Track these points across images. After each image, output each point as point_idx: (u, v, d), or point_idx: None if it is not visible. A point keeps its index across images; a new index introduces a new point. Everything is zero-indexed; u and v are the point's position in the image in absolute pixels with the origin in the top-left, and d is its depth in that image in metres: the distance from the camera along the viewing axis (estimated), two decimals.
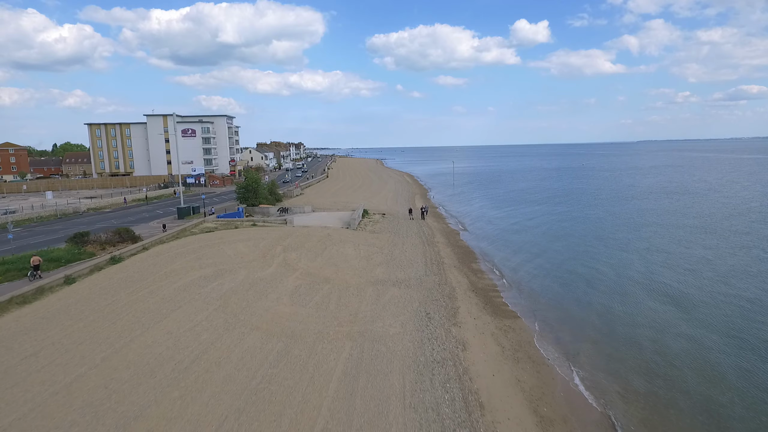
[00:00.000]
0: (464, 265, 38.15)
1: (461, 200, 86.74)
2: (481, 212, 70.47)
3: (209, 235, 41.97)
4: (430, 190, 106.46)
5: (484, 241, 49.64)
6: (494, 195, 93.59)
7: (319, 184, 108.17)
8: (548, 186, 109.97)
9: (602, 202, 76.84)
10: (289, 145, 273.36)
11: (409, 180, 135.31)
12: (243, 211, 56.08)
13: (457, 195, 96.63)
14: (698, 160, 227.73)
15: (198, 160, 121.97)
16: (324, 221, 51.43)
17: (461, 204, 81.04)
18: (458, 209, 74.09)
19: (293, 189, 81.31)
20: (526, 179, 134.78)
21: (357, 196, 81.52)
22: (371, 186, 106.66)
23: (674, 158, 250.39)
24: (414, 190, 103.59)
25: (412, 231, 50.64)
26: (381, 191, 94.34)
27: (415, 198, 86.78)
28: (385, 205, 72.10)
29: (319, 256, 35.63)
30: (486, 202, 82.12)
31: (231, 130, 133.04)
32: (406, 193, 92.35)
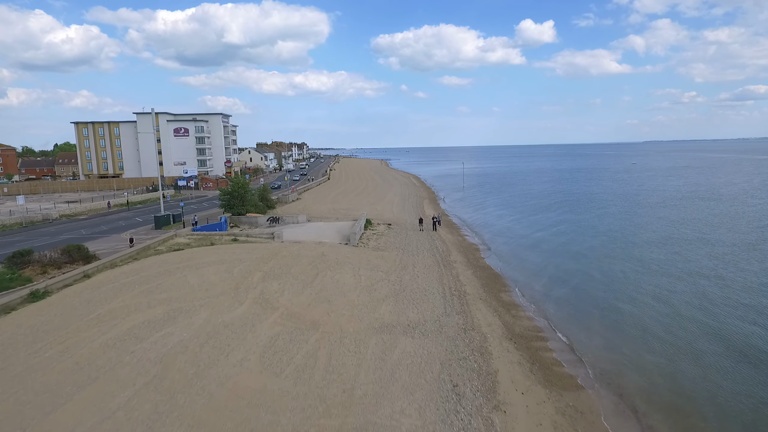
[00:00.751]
0: (492, 296, 30.31)
1: (475, 206, 78.81)
2: (500, 221, 62.55)
3: (176, 254, 34.33)
4: (439, 194, 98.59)
5: (509, 260, 41.75)
6: (510, 200, 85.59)
7: (319, 188, 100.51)
8: (566, 189, 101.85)
9: (631, 210, 68.73)
10: (292, 146, 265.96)
11: (415, 182, 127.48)
12: (226, 222, 48.46)
13: (469, 199, 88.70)
14: (715, 160, 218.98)
15: (191, 161, 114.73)
16: (319, 234, 43.73)
17: (476, 210, 73.11)
18: (473, 217, 66.17)
19: (288, 194, 73.64)
20: (540, 181, 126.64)
21: (359, 202, 73.78)
22: (375, 189, 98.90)
23: (689, 159, 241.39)
24: (422, 193, 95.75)
25: (423, 246, 42.86)
26: (386, 196, 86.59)
27: (424, 203, 78.98)
28: (391, 212, 64.35)
29: (308, 286, 27.88)
30: (503, 209, 74.16)
31: (227, 129, 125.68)
32: (413, 198, 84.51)
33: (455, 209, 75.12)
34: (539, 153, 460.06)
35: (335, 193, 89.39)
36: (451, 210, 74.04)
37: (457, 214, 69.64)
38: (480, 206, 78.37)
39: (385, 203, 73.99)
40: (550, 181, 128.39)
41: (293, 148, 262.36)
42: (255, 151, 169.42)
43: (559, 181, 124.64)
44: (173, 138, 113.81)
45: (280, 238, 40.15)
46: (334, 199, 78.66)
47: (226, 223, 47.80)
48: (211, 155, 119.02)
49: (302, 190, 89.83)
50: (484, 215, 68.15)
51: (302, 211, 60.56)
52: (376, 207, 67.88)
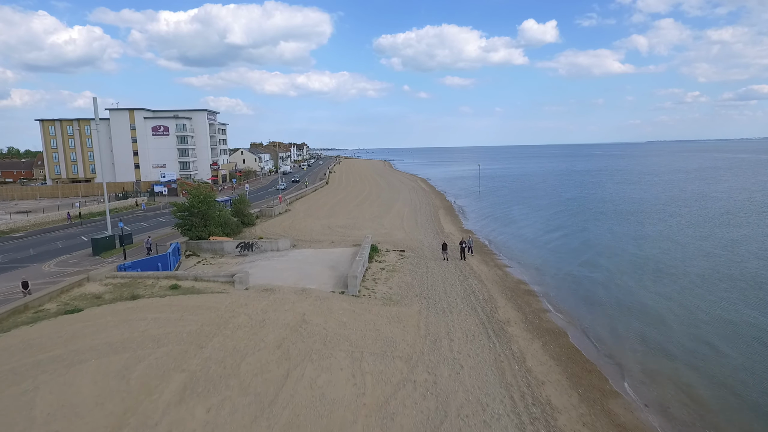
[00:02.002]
0: (603, 416, 16.88)
1: (501, 218, 65.27)
2: (542, 240, 49.06)
3: (57, 326, 20.87)
4: (453, 201, 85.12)
5: (589, 314, 28.28)
6: (542, 209, 72.02)
7: (315, 194, 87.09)
8: (600, 195, 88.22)
9: (700, 225, 55.12)
10: (290, 146, 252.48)
11: (424, 186, 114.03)
12: (178, 251, 35.18)
13: (490, 209, 75.23)
14: (736, 161, 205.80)
15: (172, 164, 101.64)
16: (304, 273, 30.32)
17: (505, 225, 59.57)
18: (505, 235, 52.68)
19: (275, 205, 60.04)
20: (564, 185, 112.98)
21: (361, 215, 60.39)
22: (380, 196, 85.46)
23: (709, 159, 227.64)
24: (434, 201, 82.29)
25: (454, 291, 29.52)
26: (393, 204, 73.17)
27: (439, 214, 65.50)
28: (402, 229, 50.96)
29: (265, 412, 14.52)
30: (538, 222, 60.63)
31: (213, 127, 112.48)
32: (425, 208, 71.05)
33: (480, 222, 61.61)
34: (545, 153, 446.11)
35: (333, 201, 76.00)
36: (473, 223, 60.57)
37: (483, 230, 56.18)
38: (507, 219, 64.84)
39: (393, 216, 60.57)
40: (574, 185, 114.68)
41: (292, 149, 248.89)
42: (248, 152, 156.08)
43: (586, 185, 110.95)
44: (151, 137, 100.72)
45: (243, 282, 26.76)
46: (331, 210, 65.27)
47: (176, 253, 34.45)
48: (195, 156, 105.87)
49: (294, 198, 76.47)
50: (517, 231, 54.65)
51: (288, 230, 47.21)
52: (382, 222, 54.46)
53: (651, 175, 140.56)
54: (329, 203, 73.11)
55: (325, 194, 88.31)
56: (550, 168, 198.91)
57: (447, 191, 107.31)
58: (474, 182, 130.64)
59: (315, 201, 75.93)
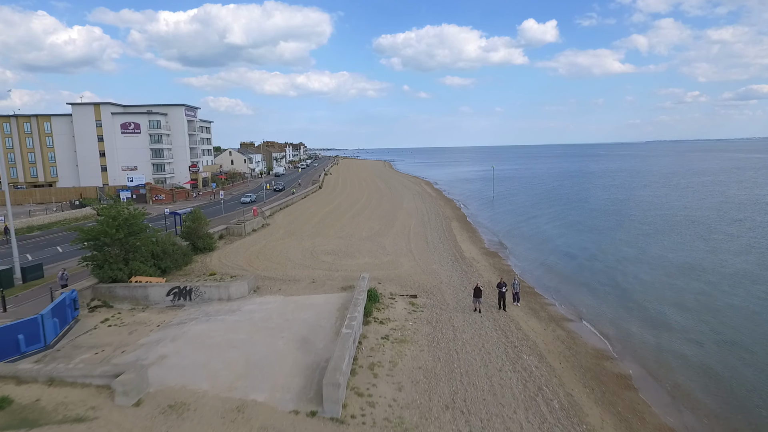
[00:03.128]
0: None
1: (532, 235, 53.09)
2: (608, 273, 36.68)
3: None
4: (466, 209, 73.02)
5: None
6: (577, 222, 59.87)
7: (304, 202, 74.86)
8: (637, 202, 76.06)
9: None
10: (286, 146, 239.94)
11: (429, 191, 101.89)
12: (76, 302, 23.05)
13: (513, 220, 63.11)
14: (755, 161, 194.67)
15: (144, 166, 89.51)
16: (253, 361, 17.95)
17: (540, 245, 47.24)
18: (548, 263, 40.44)
19: (246, 221, 47.45)
20: (587, 189, 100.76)
21: (357, 230, 48.25)
22: (380, 205, 73.31)
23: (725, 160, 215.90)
24: (443, 209, 70.17)
25: (507, 388, 17.41)
26: (397, 215, 61.03)
27: (453, 228, 53.34)
28: (410, 252, 38.83)
29: None
30: (582, 241, 48.50)
31: (193, 124, 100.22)
32: (435, 220, 58.86)
33: (505, 240, 49.45)
34: (547, 153, 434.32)
35: (324, 212, 63.75)
36: (498, 241, 48.42)
37: (514, 252, 44.01)
38: (538, 235, 52.72)
39: (398, 232, 48.42)
40: (597, 188, 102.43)
41: (287, 149, 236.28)
42: (237, 153, 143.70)
43: (610, 189, 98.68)
44: (120, 136, 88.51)
45: (133, 391, 14.56)
46: (320, 225, 53.06)
47: (70, 307, 22.27)
48: (172, 158, 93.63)
49: (278, 207, 64.29)
50: (558, 255, 42.47)
51: (256, 259, 35.04)
52: (383, 243, 42.26)
53: (675, 176, 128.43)
54: (319, 214, 60.89)
55: (316, 202, 76.15)
56: (561, 169, 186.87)
57: (455, 195, 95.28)
58: (482, 185, 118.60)
59: (302, 211, 63.73)
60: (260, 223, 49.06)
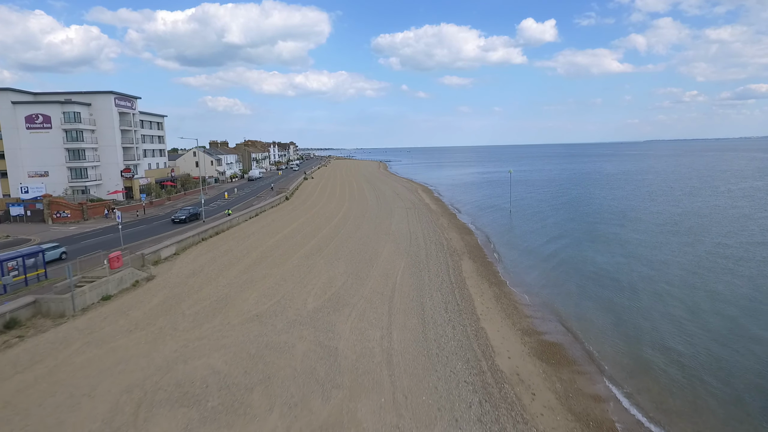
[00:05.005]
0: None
1: (595, 276, 32.66)
2: None
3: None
4: (479, 234, 52.68)
5: None
6: (666, 262, 39.51)
7: (249, 225, 53.99)
8: (702, 213, 55.87)
9: None
10: (271, 145, 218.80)
11: (428, 200, 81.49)
12: None
13: (553, 249, 42.79)
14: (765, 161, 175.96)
15: (58, 170, 69.12)
16: None
17: (628, 310, 26.95)
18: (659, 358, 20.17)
19: (87, 285, 26.47)
20: (626, 199, 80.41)
21: (300, 294, 27.55)
22: (360, 226, 52.79)
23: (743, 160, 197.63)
24: (448, 234, 49.76)
25: None
26: (377, 251, 40.52)
27: (462, 268, 32.96)
28: (386, 362, 18.46)
29: None
30: (689, 298, 28.20)
31: (129, 118, 79.45)
32: (437, 257, 38.28)
33: (556, 301, 29.00)
34: (549, 153, 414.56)
35: (268, 244, 43.07)
36: (554, 309, 28.05)
37: (583, 333, 23.68)
38: (604, 279, 32.32)
39: (371, 294, 27.94)
40: (637, 197, 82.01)
41: (271, 149, 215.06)
42: (204, 153, 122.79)
43: (655, 198, 78.32)
44: (26, 132, 68.07)
45: None
46: (243, 277, 32.38)
47: None
48: (98, 160, 73.12)
49: (199, 237, 43.87)
50: (664, 332, 22.22)
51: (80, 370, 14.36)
52: (338, 330, 21.80)
53: (712, 179, 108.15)
54: (258, 249, 40.27)
55: (269, 223, 55.61)
56: (574, 170, 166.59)
57: (460, 207, 75.07)
58: (491, 192, 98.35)
59: (237, 242, 43.13)
60: (131, 279, 28.36)
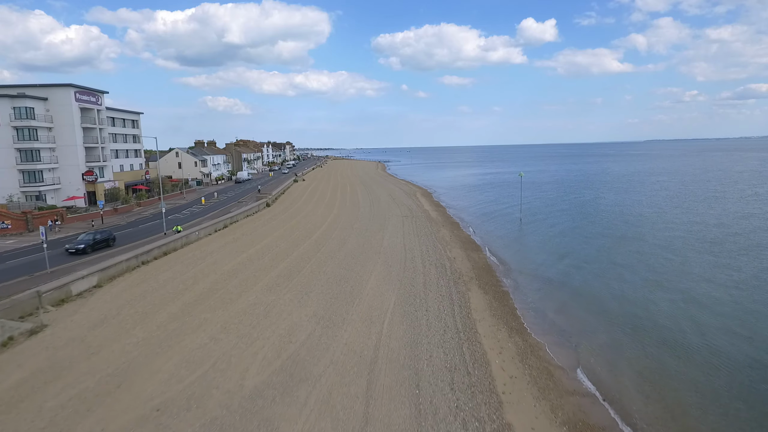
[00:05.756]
0: None
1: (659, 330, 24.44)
2: None
3: None
4: (490, 254, 44.53)
5: None
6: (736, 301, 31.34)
7: (212, 241, 45.60)
8: (722, 222, 47.72)
9: None
10: (264, 145, 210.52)
11: (426, 206, 73.35)
12: None
13: (582, 278, 34.64)
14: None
15: (7, 173, 61.01)
16: None
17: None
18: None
19: None
20: (647, 205, 72.23)
21: (243, 356, 19.24)
22: (346, 241, 44.57)
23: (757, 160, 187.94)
24: (450, 252, 41.63)
25: None
26: (363, 279, 32.29)
27: (470, 301, 24.87)
28: None
29: None
30: None
31: (93, 114, 71.19)
32: (438, 284, 30.12)
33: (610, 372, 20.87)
34: (552, 153, 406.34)
35: (226, 269, 34.71)
36: (596, 375, 19.95)
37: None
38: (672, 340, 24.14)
39: (343, 352, 19.89)
40: (659, 201, 73.76)
41: (265, 149, 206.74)
42: (187, 154, 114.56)
43: (682, 202, 70.17)
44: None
45: None
46: (184, 315, 24.29)
47: None
48: (56, 161, 65.01)
49: (162, 250, 35.72)
50: None
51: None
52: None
53: (734, 182, 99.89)
54: (211, 277, 32.02)
55: (240, 235, 47.38)
56: (580, 171, 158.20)
57: (463, 214, 66.96)
58: (495, 196, 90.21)
59: (186, 267, 34.85)
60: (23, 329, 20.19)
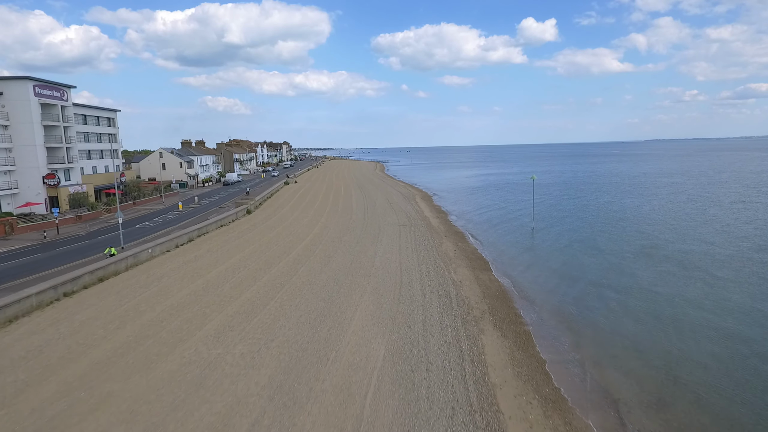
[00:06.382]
0: None
1: None
2: None
3: None
4: (505, 277, 37.64)
5: None
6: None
7: (162, 262, 38.49)
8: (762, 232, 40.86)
9: None
10: (259, 145, 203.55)
11: (426, 211, 66.48)
12: None
13: (630, 324, 27.72)
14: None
15: None
16: None
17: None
18: None
19: None
20: (664, 210, 65.35)
21: None
22: (332, 258, 37.64)
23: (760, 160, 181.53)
24: (454, 269, 34.76)
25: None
26: (347, 314, 25.46)
27: (491, 379, 18.11)
28: None
29: None
30: None
31: (56, 111, 64.29)
32: (443, 329, 23.37)
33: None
34: (554, 153, 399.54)
35: (178, 298, 28.01)
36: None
37: None
38: None
39: None
40: (684, 207, 66.90)
41: (259, 149, 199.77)
42: (171, 155, 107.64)
43: (703, 207, 63.32)
44: None
45: None
46: (74, 391, 17.55)
47: None
48: (12, 163, 58.22)
49: (97, 276, 28.83)
50: None
51: None
52: None
53: (750, 182, 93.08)
54: (143, 318, 25.10)
55: (204, 252, 40.46)
56: (586, 172, 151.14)
57: (467, 222, 60.14)
58: (500, 199, 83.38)
59: (117, 303, 27.96)
60: None
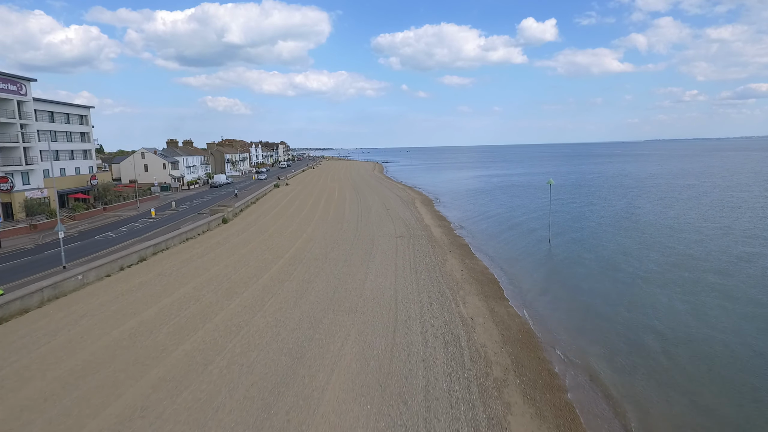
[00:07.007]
0: None
1: None
2: None
3: None
4: (519, 295, 30.82)
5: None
6: None
7: (91, 293, 31.70)
8: None
9: None
10: (252, 145, 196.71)
11: (427, 219, 59.58)
12: None
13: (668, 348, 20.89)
14: None
15: None
16: None
17: None
18: None
19: None
20: (692, 217, 58.48)
21: None
22: (311, 283, 30.72)
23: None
24: (463, 299, 27.98)
25: None
26: (318, 383, 18.74)
27: None
28: None
29: None
30: None
31: (15, 107, 57.39)
32: (453, 408, 16.62)
33: None
34: (555, 153, 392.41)
35: (94, 349, 21.28)
36: None
37: None
38: None
39: None
40: (713, 213, 60.04)
41: (253, 149, 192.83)
42: (154, 155, 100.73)
43: (734, 213, 56.50)
44: None
45: None
46: None
47: None
48: None
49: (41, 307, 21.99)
50: None
51: None
52: None
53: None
54: (30, 387, 18.46)
55: (155, 276, 33.59)
56: (594, 173, 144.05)
57: (474, 232, 53.35)
58: (508, 204, 76.49)
59: (6, 356, 21.23)
60: None
